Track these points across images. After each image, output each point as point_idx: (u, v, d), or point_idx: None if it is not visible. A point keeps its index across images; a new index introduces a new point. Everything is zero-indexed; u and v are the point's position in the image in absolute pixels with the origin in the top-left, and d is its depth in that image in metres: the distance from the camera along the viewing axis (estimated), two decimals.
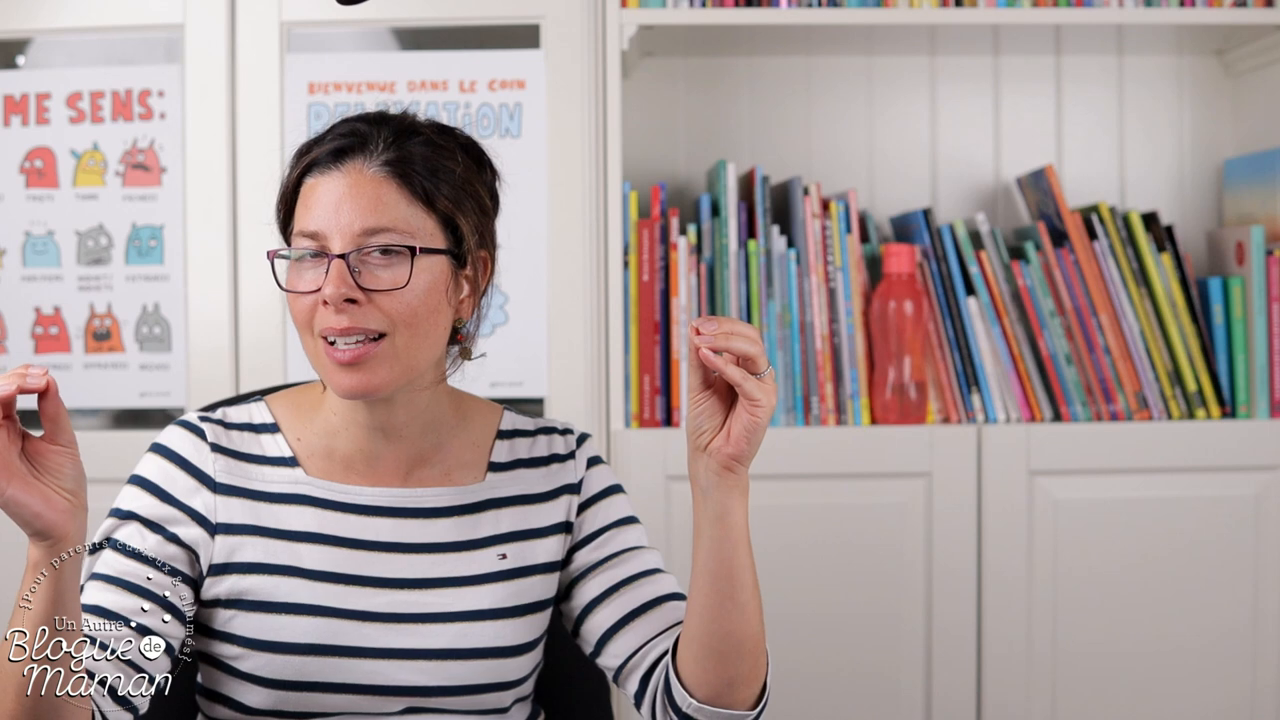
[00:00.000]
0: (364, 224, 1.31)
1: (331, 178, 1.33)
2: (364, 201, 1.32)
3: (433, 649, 1.36)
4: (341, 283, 1.29)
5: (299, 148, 1.38)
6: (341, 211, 1.31)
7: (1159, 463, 2.27)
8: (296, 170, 1.36)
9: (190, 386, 2.26)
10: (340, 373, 1.31)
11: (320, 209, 1.32)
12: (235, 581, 1.35)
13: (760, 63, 2.55)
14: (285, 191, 1.37)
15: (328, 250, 1.31)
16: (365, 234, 1.31)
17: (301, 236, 1.33)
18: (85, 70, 2.28)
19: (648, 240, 2.28)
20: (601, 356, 2.26)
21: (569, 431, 1.50)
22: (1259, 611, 2.27)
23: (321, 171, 1.34)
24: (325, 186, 1.33)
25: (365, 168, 1.33)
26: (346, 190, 1.32)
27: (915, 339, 2.27)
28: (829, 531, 2.25)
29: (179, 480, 1.37)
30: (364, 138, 1.35)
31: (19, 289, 2.28)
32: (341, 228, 1.31)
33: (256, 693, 1.35)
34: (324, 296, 1.29)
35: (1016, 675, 2.26)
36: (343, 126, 1.37)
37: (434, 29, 2.32)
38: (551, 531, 1.44)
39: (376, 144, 1.34)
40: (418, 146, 1.35)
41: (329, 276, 1.30)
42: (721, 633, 1.27)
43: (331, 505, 1.38)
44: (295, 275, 1.34)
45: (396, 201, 1.33)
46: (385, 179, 1.33)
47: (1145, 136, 2.57)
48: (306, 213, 1.33)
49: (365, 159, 1.33)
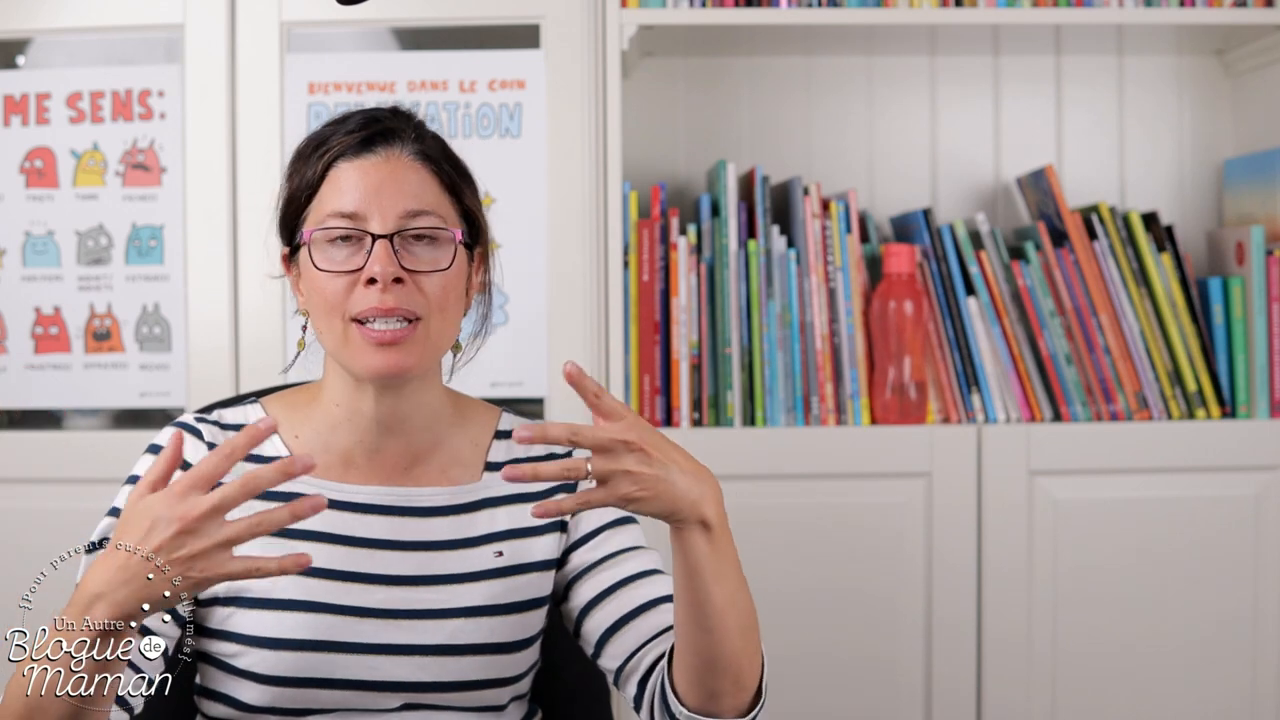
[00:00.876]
0: (406, 206, 1.33)
1: (367, 161, 1.34)
2: (405, 185, 1.34)
3: (429, 644, 1.36)
4: (390, 261, 1.31)
5: (312, 140, 1.38)
6: (383, 193, 1.33)
7: (1159, 463, 2.27)
8: (323, 159, 1.35)
9: (190, 386, 2.26)
10: (374, 353, 1.32)
11: (357, 191, 1.33)
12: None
13: (760, 63, 2.55)
14: (311, 182, 1.36)
15: (367, 231, 1.32)
16: (408, 216, 1.33)
17: (336, 217, 1.33)
18: (85, 70, 2.28)
19: (648, 240, 2.28)
20: (601, 356, 2.26)
21: None
22: (1259, 611, 2.27)
23: (352, 157, 1.35)
24: (360, 170, 1.34)
25: (401, 153, 1.36)
26: (387, 173, 1.34)
27: (915, 339, 2.27)
28: (829, 531, 2.25)
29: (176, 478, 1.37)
30: (391, 126, 1.37)
31: (19, 289, 2.28)
32: (384, 209, 1.32)
33: (254, 690, 1.35)
34: (372, 274, 1.31)
35: (1016, 675, 2.26)
36: (357, 117, 1.38)
37: (434, 29, 2.32)
38: (547, 530, 1.44)
39: (406, 132, 1.37)
40: (436, 141, 1.39)
41: (375, 255, 1.31)
42: (695, 651, 1.26)
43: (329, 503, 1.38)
44: (322, 258, 1.34)
45: (432, 188, 1.36)
46: (421, 165, 1.36)
47: (1145, 136, 2.57)
48: (339, 195, 1.34)
49: (400, 145, 1.36)
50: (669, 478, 1.17)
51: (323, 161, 1.35)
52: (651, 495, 1.16)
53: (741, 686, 1.27)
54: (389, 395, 1.38)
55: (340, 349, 1.35)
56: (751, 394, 2.29)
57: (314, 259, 1.34)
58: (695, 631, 1.24)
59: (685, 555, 1.21)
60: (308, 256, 1.35)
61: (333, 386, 1.40)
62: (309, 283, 1.36)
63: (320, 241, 1.34)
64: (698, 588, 1.22)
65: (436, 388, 1.42)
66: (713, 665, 1.25)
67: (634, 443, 1.15)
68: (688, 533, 1.20)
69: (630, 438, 1.16)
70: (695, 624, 1.24)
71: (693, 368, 2.29)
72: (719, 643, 1.24)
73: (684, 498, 1.18)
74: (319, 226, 1.34)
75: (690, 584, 1.22)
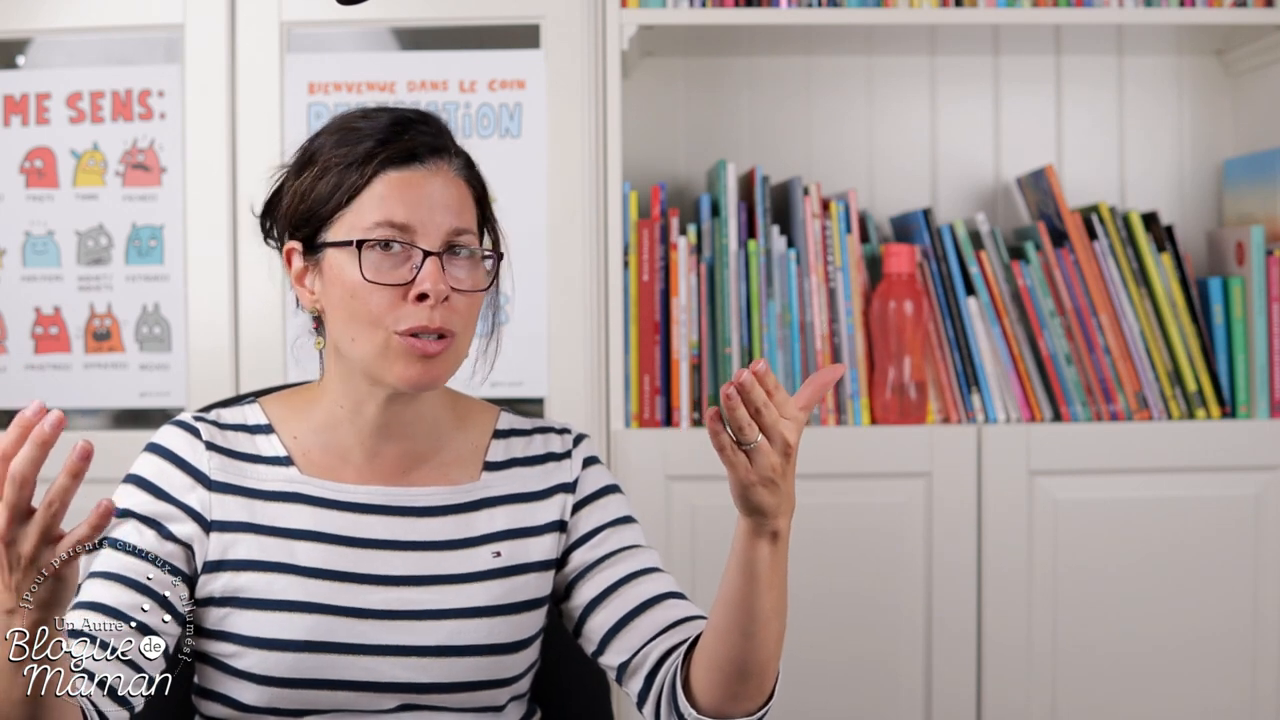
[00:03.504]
0: (453, 224, 1.34)
1: (416, 174, 1.34)
2: (453, 202, 1.35)
3: (427, 645, 1.36)
4: (441, 279, 1.31)
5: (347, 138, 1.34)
6: (435, 209, 1.33)
7: (1159, 463, 2.27)
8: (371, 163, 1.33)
9: (190, 386, 2.26)
10: (417, 364, 1.32)
11: (409, 203, 1.32)
12: (230, 579, 1.35)
13: (760, 63, 2.55)
14: (356, 185, 1.33)
15: (417, 245, 1.31)
16: (454, 234, 1.33)
17: (386, 227, 1.31)
18: (85, 70, 2.28)
19: (648, 240, 2.28)
20: (601, 356, 2.26)
21: (566, 431, 1.50)
22: (1259, 611, 2.27)
23: (401, 167, 1.33)
24: (409, 182, 1.33)
25: (448, 168, 1.36)
26: (437, 188, 1.34)
27: (915, 339, 2.27)
28: (829, 531, 2.25)
29: (174, 478, 1.37)
30: (435, 139, 1.36)
31: (19, 289, 2.28)
32: (435, 224, 1.32)
33: (252, 690, 1.35)
34: (423, 290, 1.30)
35: (1016, 675, 2.26)
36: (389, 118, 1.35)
37: (434, 29, 2.32)
38: (546, 530, 1.44)
39: (450, 145, 1.37)
40: (467, 156, 1.40)
41: (427, 272, 1.30)
42: (731, 655, 1.27)
43: (326, 503, 1.38)
44: (371, 268, 1.31)
45: (470, 206, 1.37)
46: (464, 183, 1.37)
47: (1145, 136, 2.57)
48: (388, 205, 1.32)
49: (446, 160, 1.36)
50: (789, 480, 1.22)
51: (370, 167, 1.33)
52: (773, 487, 1.20)
53: (762, 691, 1.30)
54: (395, 402, 1.38)
55: (373, 360, 1.33)
56: None
57: (362, 268, 1.31)
58: (737, 636, 1.26)
59: (748, 559, 1.24)
60: (346, 263, 1.32)
61: (336, 389, 1.39)
62: (341, 288, 1.33)
63: (366, 249, 1.32)
64: (751, 593, 1.24)
65: (437, 392, 1.42)
66: (745, 670, 1.27)
67: (791, 444, 1.20)
68: (760, 538, 1.23)
69: (794, 438, 1.20)
70: (739, 629, 1.26)
71: (693, 368, 2.29)
72: (756, 649, 1.26)
73: (782, 504, 1.23)
74: (368, 236, 1.32)
75: (745, 588, 1.25)
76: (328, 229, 1.35)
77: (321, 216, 1.35)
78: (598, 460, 1.50)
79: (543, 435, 1.49)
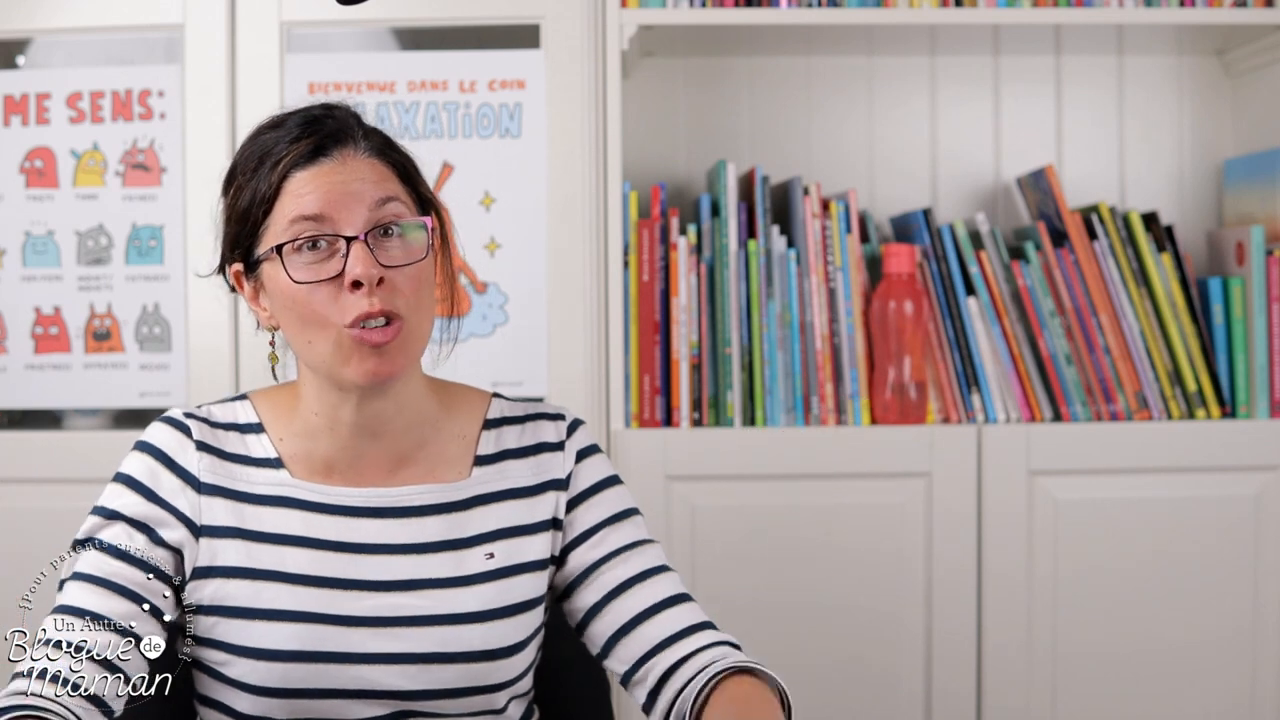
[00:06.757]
0: (373, 196, 1.30)
1: (323, 167, 1.31)
2: (366, 181, 1.31)
3: (420, 653, 1.34)
4: (371, 262, 1.28)
5: (255, 152, 1.33)
6: (349, 194, 1.30)
7: (1159, 463, 2.27)
8: (275, 169, 1.31)
9: (190, 386, 2.26)
10: (371, 358, 1.29)
11: (320, 195, 1.30)
12: (218, 587, 1.33)
13: (760, 63, 2.55)
14: (266, 195, 1.31)
15: (338, 234, 1.29)
16: (376, 209, 1.30)
17: (301, 221, 1.29)
18: (85, 70, 2.28)
19: (648, 240, 2.28)
20: (601, 356, 2.26)
21: (560, 417, 1.46)
22: (1259, 612, 2.27)
23: (307, 165, 1.31)
24: (317, 176, 1.31)
25: (354, 153, 1.33)
26: (348, 174, 1.31)
27: (915, 339, 2.27)
28: (829, 531, 2.25)
29: (165, 479, 1.35)
30: (338, 127, 1.34)
31: (19, 289, 2.28)
32: (351, 210, 1.29)
33: (245, 699, 1.33)
34: (355, 277, 1.27)
35: (1016, 675, 2.26)
36: (296, 120, 1.34)
37: (434, 29, 2.32)
38: (540, 529, 1.41)
39: (354, 130, 1.34)
40: (379, 134, 1.37)
41: (355, 257, 1.28)
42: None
43: (316, 507, 1.36)
44: (297, 269, 1.29)
45: (393, 179, 1.34)
46: (376, 160, 1.34)
47: (1145, 136, 2.57)
48: (301, 200, 1.30)
49: (351, 145, 1.33)
50: None
51: (276, 173, 1.31)
52: None
53: None
54: (371, 400, 1.35)
55: (331, 360, 1.31)
56: (751, 394, 2.29)
57: (288, 271, 1.29)
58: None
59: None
60: (277, 271, 1.31)
61: (310, 396, 1.37)
62: (281, 297, 1.31)
63: (289, 252, 1.29)
64: None
65: (416, 382, 1.39)
66: None
67: None
68: None
69: None
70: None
71: (693, 368, 2.29)
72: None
73: None
74: (287, 238, 1.30)
75: None
76: (258, 244, 1.33)
77: (249, 234, 1.34)
78: (594, 450, 1.46)
79: (535, 423, 1.45)
